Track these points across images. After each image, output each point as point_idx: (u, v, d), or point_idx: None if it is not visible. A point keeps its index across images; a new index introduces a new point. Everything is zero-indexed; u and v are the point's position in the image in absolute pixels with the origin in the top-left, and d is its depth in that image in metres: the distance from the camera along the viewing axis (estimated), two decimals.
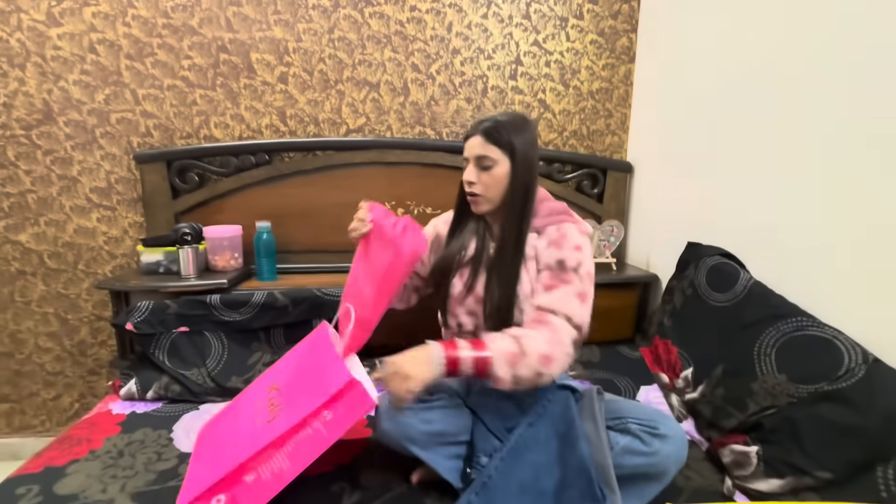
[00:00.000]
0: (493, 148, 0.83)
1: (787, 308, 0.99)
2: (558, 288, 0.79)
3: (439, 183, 1.52)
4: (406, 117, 1.53)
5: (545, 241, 0.86)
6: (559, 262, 0.82)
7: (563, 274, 0.81)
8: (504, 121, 0.84)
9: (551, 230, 0.87)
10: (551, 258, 0.84)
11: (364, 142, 1.48)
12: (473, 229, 0.90)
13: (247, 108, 1.46)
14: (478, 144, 0.83)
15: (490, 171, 0.83)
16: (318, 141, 1.46)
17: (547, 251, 0.85)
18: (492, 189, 0.84)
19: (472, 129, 0.85)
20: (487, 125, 0.84)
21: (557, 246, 0.84)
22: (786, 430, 0.88)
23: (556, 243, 0.85)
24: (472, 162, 0.85)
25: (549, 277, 0.82)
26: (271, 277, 1.37)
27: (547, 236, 0.86)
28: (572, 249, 0.83)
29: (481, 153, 0.83)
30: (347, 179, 1.48)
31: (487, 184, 0.84)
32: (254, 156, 1.44)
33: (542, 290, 0.81)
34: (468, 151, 0.85)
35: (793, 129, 1.05)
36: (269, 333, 1.26)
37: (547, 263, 0.84)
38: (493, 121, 0.84)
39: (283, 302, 1.23)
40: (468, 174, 0.84)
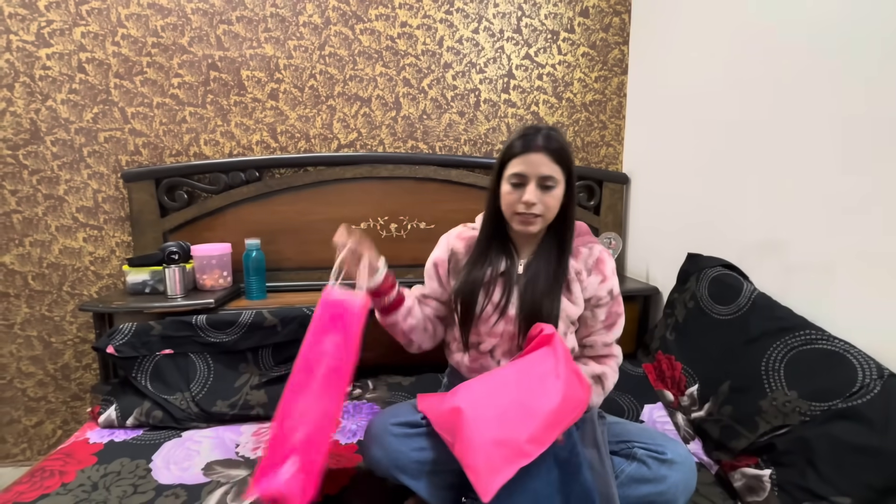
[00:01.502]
0: (557, 168, 0.80)
1: (794, 320, 0.95)
2: (616, 323, 0.87)
3: (432, 197, 1.51)
4: (398, 132, 1.52)
5: (582, 265, 0.86)
6: (610, 292, 0.86)
7: (614, 305, 0.87)
8: (561, 137, 0.81)
9: (584, 253, 0.87)
10: (602, 290, 0.86)
11: (356, 157, 1.47)
12: (500, 247, 0.87)
13: (237, 125, 1.45)
14: (544, 163, 0.79)
15: (552, 192, 0.80)
16: (308, 157, 1.45)
17: (593, 280, 0.86)
18: (550, 211, 0.81)
19: (529, 144, 0.79)
20: (554, 144, 0.79)
21: (600, 273, 0.86)
22: (799, 452, 0.83)
23: (598, 270, 0.86)
24: (533, 181, 0.79)
25: (608, 313, 0.86)
26: (261, 296, 1.35)
27: (583, 261, 0.87)
28: (612, 275, 0.87)
29: (548, 173, 0.79)
30: (339, 195, 1.47)
31: (548, 205, 0.81)
32: (244, 172, 1.42)
33: (604, 328, 0.86)
34: (529, 168, 0.79)
35: (794, 134, 1.02)
36: (256, 354, 1.23)
37: (598, 296, 0.86)
38: (552, 136, 0.80)
39: (271, 321, 1.20)
40: (531, 195, 0.79)
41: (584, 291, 0.87)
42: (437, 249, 0.96)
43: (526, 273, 0.86)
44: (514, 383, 0.69)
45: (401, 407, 0.86)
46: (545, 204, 0.81)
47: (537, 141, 0.79)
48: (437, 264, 0.94)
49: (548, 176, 0.79)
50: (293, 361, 0.96)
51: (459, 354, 0.93)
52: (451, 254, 0.93)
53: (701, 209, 1.29)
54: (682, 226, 1.36)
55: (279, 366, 1.22)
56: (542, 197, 0.80)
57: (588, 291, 0.87)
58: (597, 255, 0.88)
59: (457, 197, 1.52)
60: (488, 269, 0.87)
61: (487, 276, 0.86)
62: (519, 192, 0.81)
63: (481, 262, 0.87)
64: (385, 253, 1.60)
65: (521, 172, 0.80)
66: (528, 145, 0.79)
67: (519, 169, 0.80)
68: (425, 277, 0.97)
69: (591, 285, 0.87)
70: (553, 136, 0.80)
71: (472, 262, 0.89)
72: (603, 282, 0.87)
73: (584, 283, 0.87)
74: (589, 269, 0.88)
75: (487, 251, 0.87)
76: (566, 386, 0.69)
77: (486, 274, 0.86)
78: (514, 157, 0.80)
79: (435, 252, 0.96)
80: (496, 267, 0.87)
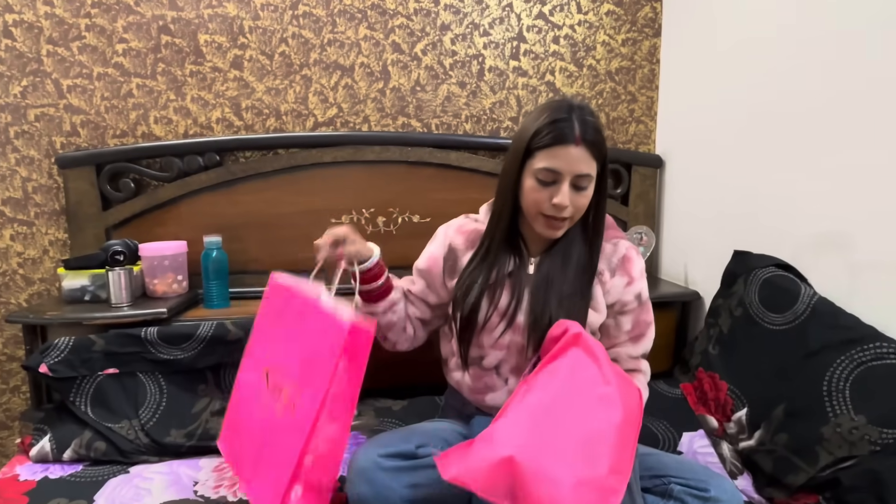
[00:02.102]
0: (594, 163, 0.80)
1: (861, 330, 0.95)
2: (645, 334, 0.88)
3: (428, 185, 1.50)
4: (386, 107, 1.51)
5: (605, 264, 0.87)
6: (637, 296, 0.87)
7: (643, 313, 0.88)
8: (597, 120, 0.81)
9: (608, 250, 0.88)
10: (628, 294, 0.86)
11: (335, 137, 1.46)
12: (507, 244, 0.87)
13: (193, 100, 1.44)
14: (582, 159, 0.78)
15: (585, 192, 0.81)
16: (279, 137, 1.45)
17: (617, 282, 0.86)
18: (581, 212, 0.83)
19: (564, 134, 0.77)
20: (591, 133, 0.78)
21: (626, 274, 0.86)
22: (869, 488, 0.82)
23: (624, 271, 0.87)
24: (567, 180, 0.79)
25: (635, 322, 0.87)
26: (223, 304, 1.34)
27: (606, 259, 0.87)
28: (641, 276, 0.88)
29: (585, 171, 0.79)
30: (316, 182, 1.46)
31: (579, 207, 0.82)
32: (202, 156, 1.42)
33: (629, 339, 0.87)
34: (563, 165, 0.78)
35: (865, 109, 1.01)
36: (218, 374, 1.22)
37: (623, 302, 0.86)
38: (589, 124, 0.79)
39: (235, 334, 1.20)
40: (564, 198, 0.78)
41: (607, 295, 0.87)
42: (433, 244, 0.96)
43: (538, 273, 0.86)
44: (561, 404, 0.66)
45: (391, 435, 0.85)
46: (577, 206, 0.81)
47: (573, 130, 0.78)
48: (431, 261, 0.94)
49: (584, 175, 0.79)
50: None
51: (459, 373, 0.93)
52: (449, 250, 0.93)
53: (749, 198, 1.29)
54: (727, 218, 1.36)
55: None
56: (574, 198, 0.80)
57: (611, 295, 0.87)
58: (623, 252, 0.89)
59: (457, 184, 1.51)
60: (494, 270, 0.86)
61: (493, 277, 0.86)
62: (548, 191, 0.81)
63: (486, 260, 0.87)
64: None
65: (554, 169, 0.79)
66: (563, 136, 0.78)
67: (551, 164, 0.79)
68: (414, 274, 0.97)
69: (615, 288, 0.87)
70: (590, 122, 0.80)
71: (474, 260, 0.88)
72: (629, 284, 0.87)
73: (606, 285, 0.87)
74: (613, 268, 0.88)
75: (494, 248, 0.87)
76: (621, 392, 0.67)
77: (492, 275, 0.86)
78: (543, 148, 0.80)
79: (430, 247, 0.96)
80: (502, 267, 0.87)
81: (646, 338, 0.89)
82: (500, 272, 0.86)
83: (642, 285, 0.88)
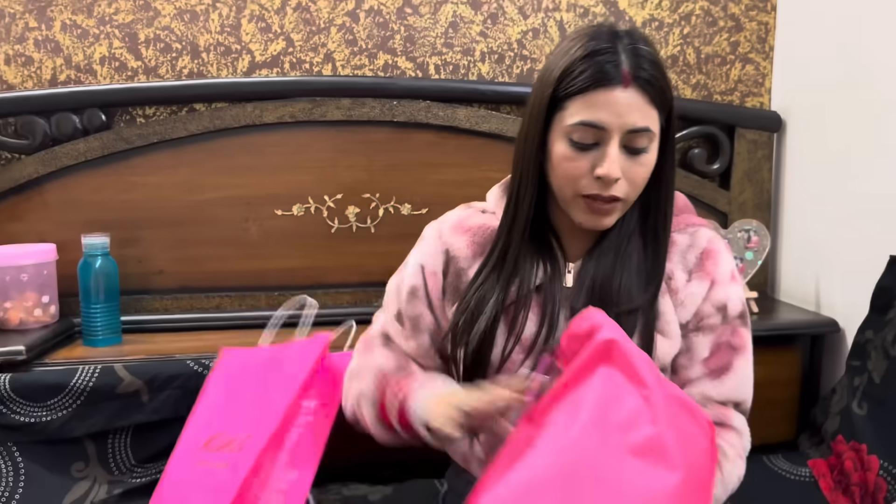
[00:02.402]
0: (654, 112, 0.81)
1: None
2: (733, 366, 0.87)
3: (424, 158, 1.50)
4: (360, 38, 1.51)
5: (678, 263, 0.88)
6: (720, 308, 0.87)
7: (730, 335, 0.87)
8: (656, 53, 0.82)
9: (681, 243, 0.89)
10: (708, 304, 0.87)
11: (283, 84, 1.46)
12: (534, 245, 0.89)
13: (66, 29, 1.44)
14: (637, 106, 0.79)
15: (643, 158, 0.82)
16: (197, 85, 1.44)
17: (695, 289, 0.87)
18: (638, 188, 0.83)
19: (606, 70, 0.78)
20: (647, 68, 0.79)
21: (706, 275, 0.87)
22: None
23: (702, 271, 0.87)
24: (616, 139, 0.80)
25: (715, 346, 0.87)
26: (111, 340, 1.35)
27: (679, 256, 0.89)
28: (729, 280, 0.88)
29: (642, 124, 0.80)
30: (253, 156, 1.46)
31: (635, 179, 0.82)
32: (79, 115, 1.42)
33: (707, 374, 0.87)
34: (609, 116, 0.79)
35: None
36: (105, 445, 1.23)
37: (701, 315, 0.87)
38: (643, 54, 0.80)
39: (130, 385, 1.21)
40: (613, 164, 0.79)
41: (681, 309, 0.87)
42: (418, 254, 0.96)
43: (579, 284, 0.87)
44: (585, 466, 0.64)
45: None
46: (632, 177, 0.81)
47: (619, 65, 0.78)
48: (417, 287, 0.93)
49: (641, 129, 0.79)
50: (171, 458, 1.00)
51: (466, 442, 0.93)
52: (448, 260, 0.93)
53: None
54: (881, 212, 1.35)
55: (146, 466, 1.22)
56: (627, 166, 0.81)
57: (686, 309, 0.87)
58: (703, 245, 0.89)
59: (468, 157, 1.51)
60: (513, 283, 0.87)
61: (512, 294, 0.87)
62: (588, 157, 0.81)
63: (500, 269, 0.88)
64: (341, 261, 1.60)
65: (596, 122, 0.79)
66: (605, 74, 0.78)
67: (590, 116, 0.79)
68: (389, 317, 0.96)
69: (692, 297, 0.87)
70: (644, 52, 0.80)
71: (483, 269, 0.89)
72: (711, 288, 0.88)
73: (679, 294, 0.87)
74: (689, 268, 0.89)
75: (512, 250, 0.88)
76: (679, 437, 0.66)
77: (511, 291, 0.87)
78: (577, 95, 0.80)
79: (413, 260, 0.96)
80: (527, 278, 0.87)
81: (733, 374, 0.87)
82: (524, 286, 0.87)
83: (731, 292, 0.88)
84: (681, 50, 1.61)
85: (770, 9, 1.62)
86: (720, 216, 1.60)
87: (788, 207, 1.61)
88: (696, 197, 1.60)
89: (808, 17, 1.55)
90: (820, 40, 1.51)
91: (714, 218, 1.60)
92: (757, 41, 1.63)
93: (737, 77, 1.63)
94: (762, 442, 1.37)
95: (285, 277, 1.50)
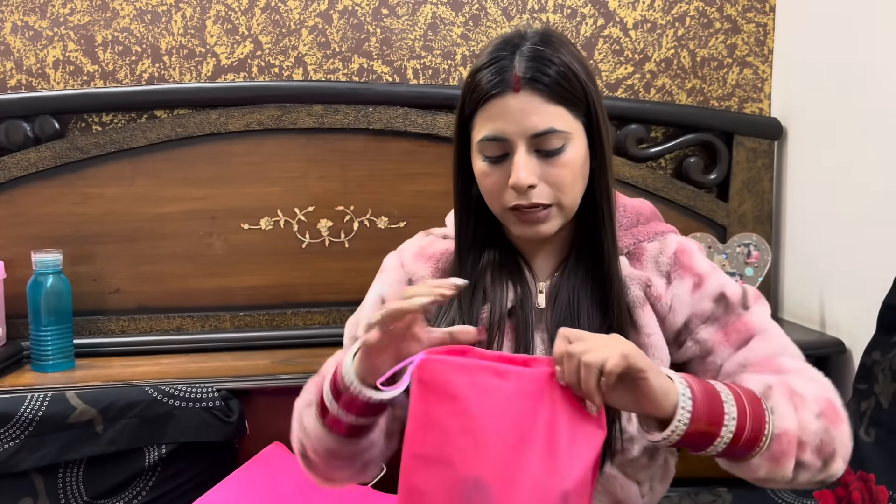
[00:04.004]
0: (562, 109, 0.82)
1: None
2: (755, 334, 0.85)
3: (402, 168, 1.49)
4: (334, 40, 1.50)
5: (652, 270, 0.88)
6: (719, 298, 0.86)
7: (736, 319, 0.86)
8: (560, 45, 0.83)
9: (651, 251, 0.89)
10: (702, 298, 0.86)
11: (251, 90, 1.45)
12: (500, 264, 0.90)
13: (17, 31, 1.42)
14: (535, 108, 0.81)
15: (561, 157, 0.82)
16: (158, 90, 1.44)
17: (678, 289, 0.87)
18: (566, 189, 0.84)
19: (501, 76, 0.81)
20: (546, 66, 0.81)
21: (686, 271, 0.87)
22: None
23: (681, 268, 0.88)
24: (522, 145, 0.81)
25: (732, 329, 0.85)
26: (63, 365, 1.33)
27: (651, 262, 0.89)
28: (712, 269, 0.88)
29: (543, 126, 0.81)
30: (218, 166, 1.45)
31: (557, 180, 0.83)
32: (30, 122, 1.41)
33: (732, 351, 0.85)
34: (507, 123, 0.81)
35: None
36: (55, 479, 1.21)
37: (697, 312, 0.86)
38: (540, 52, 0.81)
39: (83, 413, 1.19)
40: (522, 174, 0.81)
41: (672, 315, 0.87)
42: (379, 285, 0.95)
43: (553, 303, 0.86)
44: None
45: None
46: (552, 179, 0.81)
47: (511, 68, 0.80)
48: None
49: (546, 132, 0.80)
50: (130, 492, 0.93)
51: None
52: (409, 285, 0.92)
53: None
54: (891, 224, 1.33)
55: (99, 502, 1.20)
56: (544, 170, 0.81)
57: (677, 313, 0.86)
58: (673, 246, 0.89)
59: (449, 166, 1.39)
60: (484, 310, 0.87)
61: (484, 321, 0.86)
62: (502, 168, 0.83)
63: (466, 297, 0.87)
64: (312, 278, 1.59)
65: (496, 135, 0.82)
66: (496, 81, 0.81)
67: (490, 130, 0.82)
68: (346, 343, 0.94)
69: (679, 298, 0.86)
70: (538, 52, 0.80)
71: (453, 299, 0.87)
72: (699, 285, 0.87)
73: (661, 300, 0.87)
74: (664, 271, 0.88)
75: (477, 276, 0.88)
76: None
77: (483, 319, 0.87)
78: (478, 109, 0.83)
79: (374, 291, 0.95)
80: (498, 302, 0.87)
81: (762, 335, 0.85)
82: (496, 311, 0.87)
83: (721, 279, 0.88)
84: (675, 53, 1.60)
85: (768, 10, 1.61)
86: (718, 229, 1.59)
87: (790, 220, 1.59)
88: (691, 209, 1.60)
89: (809, 18, 1.53)
90: (822, 42, 1.50)
91: (711, 232, 1.59)
92: (755, 44, 1.61)
93: (734, 81, 1.62)
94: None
95: (252, 296, 1.49)
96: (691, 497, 1.36)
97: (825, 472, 0.75)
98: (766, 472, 0.73)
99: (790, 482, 0.76)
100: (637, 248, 0.90)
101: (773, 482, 0.77)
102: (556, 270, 0.89)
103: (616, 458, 0.82)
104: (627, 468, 0.84)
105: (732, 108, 1.61)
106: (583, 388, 0.68)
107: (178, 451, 1.24)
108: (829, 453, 0.75)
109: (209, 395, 1.24)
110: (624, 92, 1.58)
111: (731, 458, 0.74)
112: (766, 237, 1.56)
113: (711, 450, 0.71)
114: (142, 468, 1.22)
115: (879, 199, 1.35)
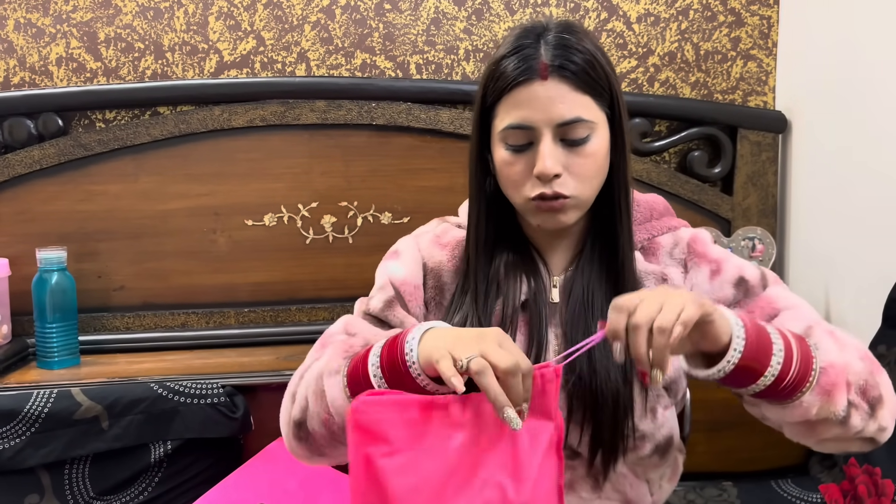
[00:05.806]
0: (588, 99, 0.82)
1: None
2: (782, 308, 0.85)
3: (406, 163, 1.50)
4: (336, 36, 1.50)
5: (666, 261, 0.88)
6: (738, 282, 0.87)
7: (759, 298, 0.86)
8: (585, 36, 0.83)
9: (665, 244, 0.90)
10: (723, 284, 0.86)
11: (254, 86, 1.46)
12: (512, 258, 0.90)
13: (20, 28, 1.43)
14: (562, 97, 0.80)
15: (585, 147, 0.82)
16: (161, 87, 1.44)
17: (697, 278, 0.87)
18: (588, 182, 0.84)
19: (528, 63, 0.80)
20: (573, 55, 0.80)
21: (702, 259, 0.87)
22: None
23: (697, 256, 0.88)
24: (547, 134, 0.81)
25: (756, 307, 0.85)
26: (68, 362, 1.34)
27: (666, 255, 0.89)
28: (728, 255, 0.90)
29: (572, 115, 0.80)
30: (221, 162, 1.46)
31: (582, 171, 0.82)
32: (33, 119, 1.41)
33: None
34: (535, 112, 0.81)
35: None
36: (61, 475, 1.22)
37: (720, 298, 0.85)
38: (567, 42, 0.81)
39: (89, 410, 1.20)
40: (549, 161, 0.80)
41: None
42: (393, 266, 0.93)
43: (567, 298, 0.86)
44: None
45: None
46: (577, 170, 0.82)
47: (538, 56, 0.80)
48: (393, 294, 0.90)
49: (572, 121, 0.80)
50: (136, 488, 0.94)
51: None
52: (428, 274, 0.92)
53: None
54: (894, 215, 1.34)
55: (105, 498, 1.21)
56: (569, 159, 0.81)
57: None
58: (686, 238, 0.90)
59: (453, 162, 1.49)
60: (498, 303, 0.87)
61: (497, 315, 0.86)
62: (526, 157, 0.82)
63: (476, 292, 0.87)
64: (316, 274, 1.60)
65: (522, 123, 0.81)
66: (522, 68, 0.80)
67: (515, 118, 0.81)
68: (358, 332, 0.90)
69: (699, 288, 0.87)
70: (565, 41, 0.80)
71: (457, 294, 0.89)
72: (716, 272, 0.87)
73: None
74: (680, 260, 0.89)
75: (483, 271, 0.88)
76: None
77: (496, 312, 0.86)
78: (502, 97, 0.82)
79: (388, 273, 0.92)
80: (511, 295, 0.87)
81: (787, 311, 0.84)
82: (508, 305, 0.87)
83: (738, 262, 0.88)
84: (678, 46, 1.60)
85: (772, 2, 1.61)
86: (723, 223, 1.60)
87: (795, 213, 1.60)
88: (696, 202, 1.60)
89: (813, 10, 1.54)
90: (826, 35, 1.50)
91: (716, 225, 1.59)
92: (759, 37, 1.62)
93: (738, 75, 1.62)
94: (770, 465, 1.40)
95: (256, 292, 1.49)
96: (697, 491, 1.37)
97: (874, 419, 0.75)
98: (819, 408, 0.72)
99: (844, 426, 0.74)
100: (651, 243, 0.90)
101: (827, 429, 0.75)
102: (570, 265, 0.89)
103: (628, 455, 0.82)
104: (638, 467, 0.84)
105: (736, 102, 1.62)
106: (654, 356, 0.67)
107: (184, 448, 1.26)
108: (875, 397, 0.75)
109: (214, 391, 1.26)
110: (628, 86, 1.59)
111: (783, 400, 0.73)
112: (771, 231, 1.57)
113: (755, 387, 0.71)
114: (147, 464, 1.23)
115: (885, 191, 1.36)
